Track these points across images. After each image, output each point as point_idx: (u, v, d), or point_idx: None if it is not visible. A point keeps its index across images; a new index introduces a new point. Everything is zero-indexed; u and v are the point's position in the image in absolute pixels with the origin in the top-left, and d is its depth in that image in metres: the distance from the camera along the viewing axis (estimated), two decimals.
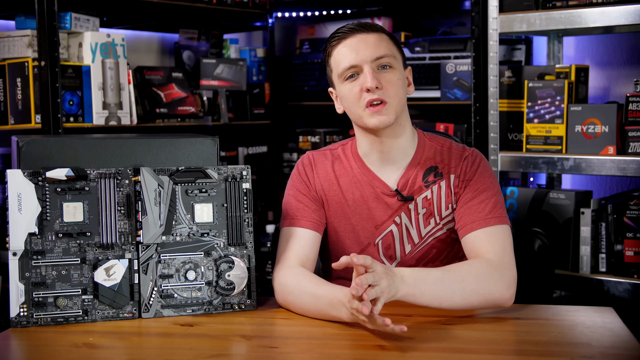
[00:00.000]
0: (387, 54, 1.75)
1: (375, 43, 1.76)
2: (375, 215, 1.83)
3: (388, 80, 1.75)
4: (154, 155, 1.76)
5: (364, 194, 1.84)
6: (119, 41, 2.82)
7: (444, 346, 1.48)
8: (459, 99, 3.04)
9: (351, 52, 1.75)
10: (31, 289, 1.63)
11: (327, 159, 1.90)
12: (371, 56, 1.74)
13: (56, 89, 2.59)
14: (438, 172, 1.82)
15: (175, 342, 1.54)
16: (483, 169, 1.81)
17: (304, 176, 1.88)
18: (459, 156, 1.83)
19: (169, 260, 1.70)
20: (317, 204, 1.85)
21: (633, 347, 1.46)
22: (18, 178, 1.63)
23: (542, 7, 2.67)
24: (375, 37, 1.76)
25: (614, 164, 2.52)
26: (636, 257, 2.57)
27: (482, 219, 1.74)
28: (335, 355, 1.46)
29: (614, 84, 3.01)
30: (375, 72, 1.74)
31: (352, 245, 1.85)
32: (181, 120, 3.14)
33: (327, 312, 1.62)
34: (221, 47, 3.58)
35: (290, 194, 1.88)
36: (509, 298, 1.66)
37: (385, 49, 1.76)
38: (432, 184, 1.82)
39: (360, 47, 1.75)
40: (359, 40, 1.76)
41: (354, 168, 1.86)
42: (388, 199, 1.82)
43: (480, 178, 1.80)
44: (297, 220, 1.82)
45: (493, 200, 1.77)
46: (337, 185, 1.86)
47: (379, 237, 1.83)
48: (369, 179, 1.84)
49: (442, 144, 1.86)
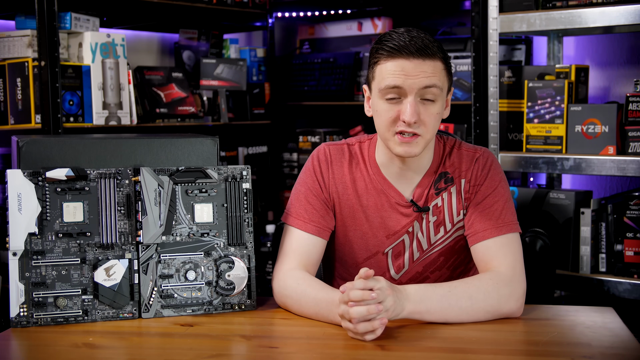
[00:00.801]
0: (436, 84, 1.66)
1: (428, 73, 1.65)
2: (389, 224, 1.80)
3: (428, 114, 1.67)
4: (154, 155, 1.76)
5: (378, 202, 1.80)
6: (119, 41, 2.82)
7: (444, 346, 1.48)
8: (459, 99, 3.04)
9: (400, 74, 1.64)
10: (31, 289, 1.63)
11: (344, 156, 1.83)
12: (419, 86, 1.64)
13: (56, 89, 2.59)
14: (449, 178, 1.79)
15: (175, 342, 1.54)
16: (494, 172, 1.77)
17: (318, 174, 1.82)
18: (470, 159, 1.79)
19: (169, 260, 1.70)
20: (327, 207, 1.81)
21: (633, 347, 1.46)
22: (18, 178, 1.63)
23: (542, 7, 2.67)
24: (430, 65, 1.65)
25: (614, 164, 2.52)
26: (636, 257, 2.57)
27: (493, 227, 1.72)
28: (335, 355, 1.46)
29: (614, 84, 3.01)
30: (417, 103, 1.65)
31: (360, 251, 1.83)
32: (181, 120, 3.14)
33: (325, 316, 1.62)
34: (221, 47, 3.58)
35: (301, 191, 1.82)
36: (517, 310, 1.65)
37: (436, 79, 1.66)
38: (442, 191, 1.78)
39: (412, 74, 1.64)
40: (414, 65, 1.64)
41: (370, 174, 1.81)
42: (403, 209, 1.79)
43: (491, 183, 1.76)
44: (302, 223, 1.78)
45: (504, 206, 1.74)
46: (352, 189, 1.81)
47: (389, 246, 1.81)
48: (384, 188, 1.80)
49: (452, 146, 1.81)
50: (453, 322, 1.60)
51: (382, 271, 1.82)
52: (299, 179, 1.85)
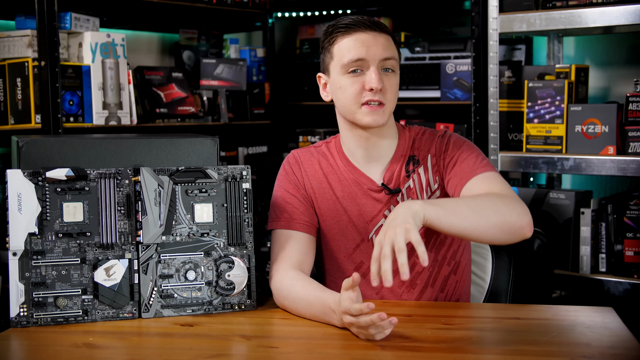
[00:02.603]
0: (393, 56, 1.77)
1: (385, 44, 1.76)
2: (365, 211, 1.84)
3: (390, 84, 1.77)
4: (154, 155, 1.76)
5: (352, 191, 1.84)
6: (119, 41, 2.82)
7: (444, 346, 1.48)
8: (459, 99, 3.04)
9: (361, 46, 1.75)
10: (31, 289, 1.63)
11: (313, 156, 1.91)
12: (380, 56, 1.75)
13: (56, 89, 2.59)
14: (416, 160, 1.85)
15: (175, 342, 1.54)
16: (456, 138, 1.84)
17: (291, 175, 1.89)
18: (432, 137, 1.86)
19: (169, 260, 1.70)
20: (306, 204, 1.85)
21: (633, 347, 1.46)
22: (18, 178, 1.63)
23: (542, 7, 2.67)
24: (385, 38, 1.77)
25: (614, 164, 2.52)
26: (636, 257, 2.57)
27: (470, 170, 1.76)
28: (335, 355, 1.46)
29: (614, 84, 3.01)
30: (380, 73, 1.75)
31: (346, 242, 1.85)
32: (181, 120, 3.14)
33: (320, 318, 1.63)
34: (221, 47, 3.58)
35: (278, 195, 1.87)
36: (527, 223, 1.64)
37: (392, 51, 1.77)
38: (412, 173, 1.84)
39: (371, 44, 1.75)
40: (372, 37, 1.76)
41: (340, 166, 1.87)
42: (376, 194, 1.83)
43: (455, 146, 1.82)
44: (286, 223, 1.82)
45: (476, 156, 1.79)
46: (326, 182, 1.87)
47: (371, 231, 1.84)
48: (355, 176, 1.85)
49: (418, 132, 1.88)
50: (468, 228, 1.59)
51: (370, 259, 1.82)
52: (275, 186, 1.90)
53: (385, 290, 1.84)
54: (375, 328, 1.47)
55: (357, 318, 1.47)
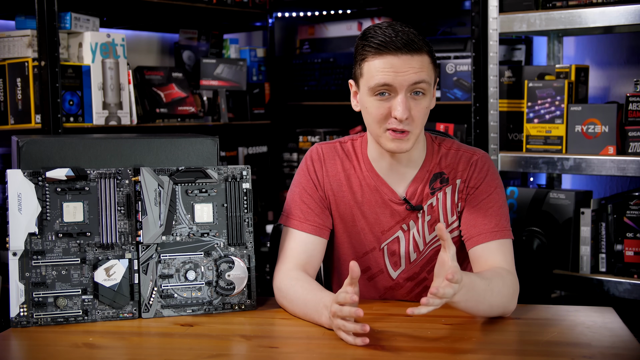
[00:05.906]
0: (424, 80, 1.66)
1: (417, 67, 1.65)
2: (382, 221, 1.81)
3: (418, 109, 1.67)
4: (154, 155, 1.76)
5: (372, 199, 1.81)
6: (119, 41, 2.82)
7: (444, 346, 1.48)
8: (459, 99, 3.04)
9: (390, 71, 1.64)
10: (31, 289, 1.63)
11: (337, 154, 1.85)
12: (409, 82, 1.64)
13: (56, 89, 2.59)
14: (444, 178, 1.79)
15: (175, 342, 1.54)
16: (491, 177, 1.78)
17: (312, 173, 1.83)
18: (467, 160, 1.80)
19: (169, 260, 1.70)
20: (322, 206, 1.82)
21: (633, 347, 1.46)
22: (18, 178, 1.63)
23: (542, 7, 2.67)
24: (418, 61, 1.65)
25: (614, 164, 2.52)
26: (636, 257, 2.57)
27: (491, 231, 1.73)
28: (335, 355, 1.46)
29: (614, 84, 3.01)
30: (407, 100, 1.66)
31: (358, 247, 1.83)
32: (181, 120, 3.14)
33: (311, 316, 1.62)
34: (221, 47, 3.58)
35: (296, 192, 1.83)
36: (515, 304, 1.68)
37: (425, 74, 1.66)
38: (437, 191, 1.79)
39: (401, 70, 1.64)
40: (402, 62, 1.64)
41: (363, 171, 1.82)
42: (396, 206, 1.80)
43: (487, 187, 1.77)
44: (299, 223, 1.79)
45: (501, 211, 1.75)
46: (346, 186, 1.82)
47: (385, 242, 1.81)
48: (377, 184, 1.81)
49: (450, 147, 1.82)
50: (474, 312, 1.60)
51: (379, 267, 1.83)
52: (294, 180, 1.86)
53: (389, 296, 1.85)
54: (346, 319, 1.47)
55: (341, 307, 1.47)
